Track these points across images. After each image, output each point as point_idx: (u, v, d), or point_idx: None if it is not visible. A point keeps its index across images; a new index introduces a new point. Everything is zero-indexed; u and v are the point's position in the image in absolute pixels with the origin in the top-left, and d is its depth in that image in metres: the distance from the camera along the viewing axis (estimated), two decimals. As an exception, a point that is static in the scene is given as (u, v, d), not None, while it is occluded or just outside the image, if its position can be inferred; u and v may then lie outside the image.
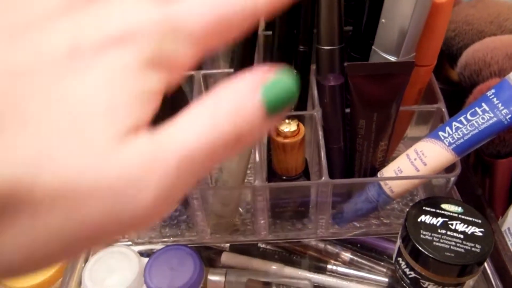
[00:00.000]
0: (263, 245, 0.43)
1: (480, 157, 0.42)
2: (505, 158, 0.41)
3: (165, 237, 0.42)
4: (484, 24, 0.44)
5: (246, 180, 0.38)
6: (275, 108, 0.14)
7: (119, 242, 0.44)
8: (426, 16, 0.34)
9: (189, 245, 0.39)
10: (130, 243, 0.42)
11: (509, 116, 0.32)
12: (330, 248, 0.43)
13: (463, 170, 0.36)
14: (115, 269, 0.38)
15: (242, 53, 0.41)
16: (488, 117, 0.33)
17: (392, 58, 0.35)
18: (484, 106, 0.33)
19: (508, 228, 0.40)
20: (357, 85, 0.34)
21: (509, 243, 0.39)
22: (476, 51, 0.41)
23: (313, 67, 0.40)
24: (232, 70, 0.43)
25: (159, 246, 0.40)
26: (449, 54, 0.47)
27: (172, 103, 0.40)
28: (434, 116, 0.41)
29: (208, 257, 0.43)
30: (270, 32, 0.40)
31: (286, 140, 0.35)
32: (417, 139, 0.37)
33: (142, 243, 0.42)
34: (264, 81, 0.14)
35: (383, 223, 0.42)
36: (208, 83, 0.46)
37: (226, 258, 0.42)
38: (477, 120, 0.33)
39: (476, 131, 0.33)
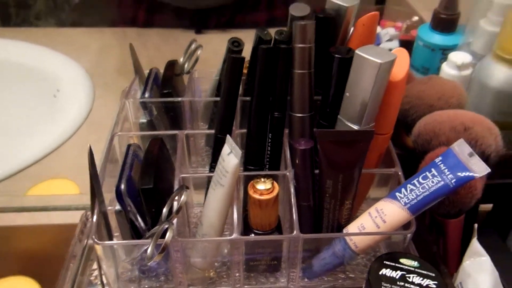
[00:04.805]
0: (237, 298, 0.45)
1: (434, 217, 0.47)
2: (455, 218, 0.45)
3: (143, 289, 0.43)
4: (433, 99, 0.50)
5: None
6: None
7: (96, 294, 0.44)
8: (383, 92, 0.39)
9: (167, 297, 0.41)
10: (108, 294, 0.42)
11: (454, 180, 0.37)
12: (299, 301, 0.45)
13: (420, 230, 0.40)
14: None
15: (222, 116, 0.45)
16: (437, 181, 0.37)
17: (355, 127, 0.40)
18: (433, 171, 0.38)
19: (460, 283, 0.44)
20: (325, 149, 0.38)
21: (461, 297, 0.43)
22: (427, 123, 0.47)
23: (286, 131, 0.45)
24: (212, 131, 0.46)
25: (136, 298, 0.41)
26: (405, 124, 0.53)
27: (157, 161, 0.43)
28: (392, 179, 0.46)
29: (183, 310, 0.44)
30: (248, 98, 0.45)
31: (262, 197, 0.38)
32: (378, 200, 0.41)
33: (121, 295, 0.42)
34: None
35: (348, 277, 0.45)
36: (189, 142, 0.50)
37: (201, 310, 0.43)
38: (427, 183, 0.38)
39: (427, 192, 0.37)
